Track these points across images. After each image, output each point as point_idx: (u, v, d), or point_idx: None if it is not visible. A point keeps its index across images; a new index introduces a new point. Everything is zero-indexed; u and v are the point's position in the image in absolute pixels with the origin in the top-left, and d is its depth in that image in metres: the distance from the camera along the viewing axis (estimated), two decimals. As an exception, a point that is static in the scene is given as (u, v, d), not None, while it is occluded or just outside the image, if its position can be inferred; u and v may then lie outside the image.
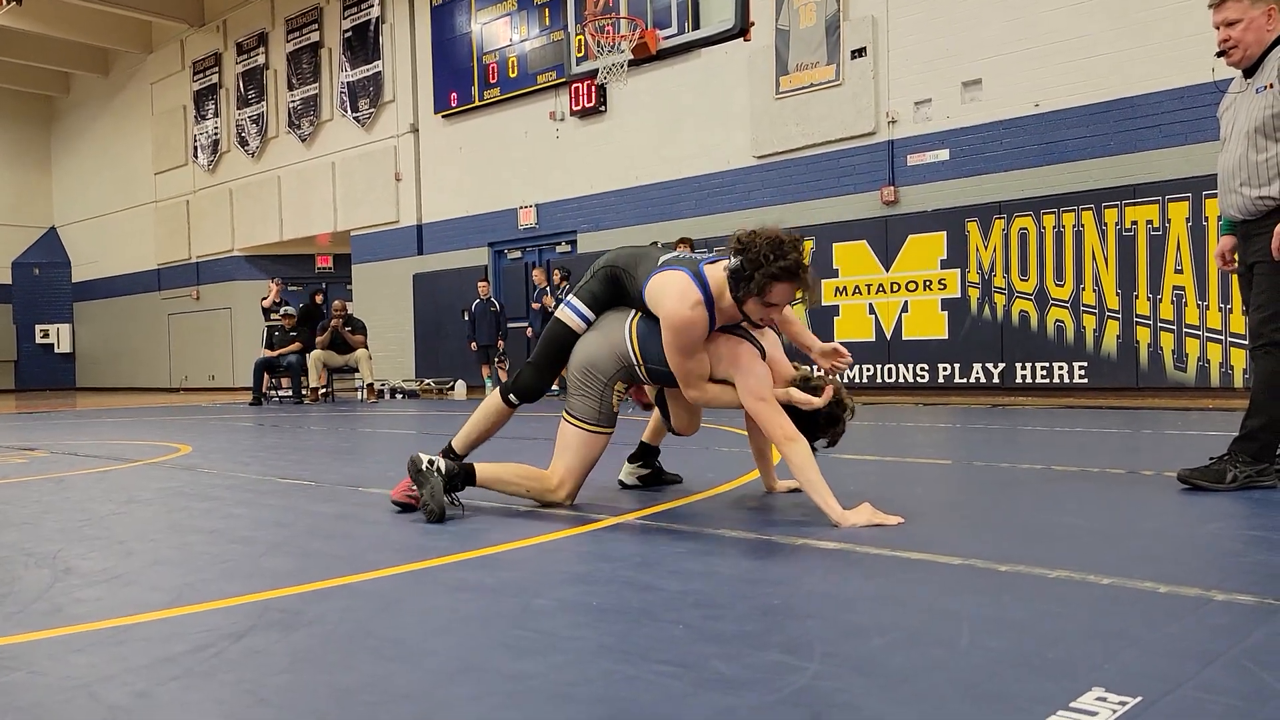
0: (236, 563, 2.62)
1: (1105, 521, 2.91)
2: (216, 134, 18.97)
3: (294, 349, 12.88)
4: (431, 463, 3.14)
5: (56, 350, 22.92)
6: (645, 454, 3.77)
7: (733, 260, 2.97)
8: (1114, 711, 1.39)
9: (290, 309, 13.30)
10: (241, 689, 1.59)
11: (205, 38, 19.17)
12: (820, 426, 3.19)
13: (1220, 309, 8.19)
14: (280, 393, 13.32)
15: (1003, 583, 2.17)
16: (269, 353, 12.94)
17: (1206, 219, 8.22)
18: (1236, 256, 3.47)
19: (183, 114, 19.72)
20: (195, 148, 19.48)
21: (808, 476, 2.96)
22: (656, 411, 3.73)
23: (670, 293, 3.06)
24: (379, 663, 1.72)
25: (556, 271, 12.27)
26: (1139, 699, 1.43)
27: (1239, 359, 8.08)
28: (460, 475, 3.17)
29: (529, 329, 12.69)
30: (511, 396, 3.45)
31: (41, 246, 23.15)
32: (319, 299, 13.67)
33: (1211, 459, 3.37)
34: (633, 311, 3.28)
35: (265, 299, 13.79)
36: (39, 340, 22.76)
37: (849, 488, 3.83)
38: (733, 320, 3.15)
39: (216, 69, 18.94)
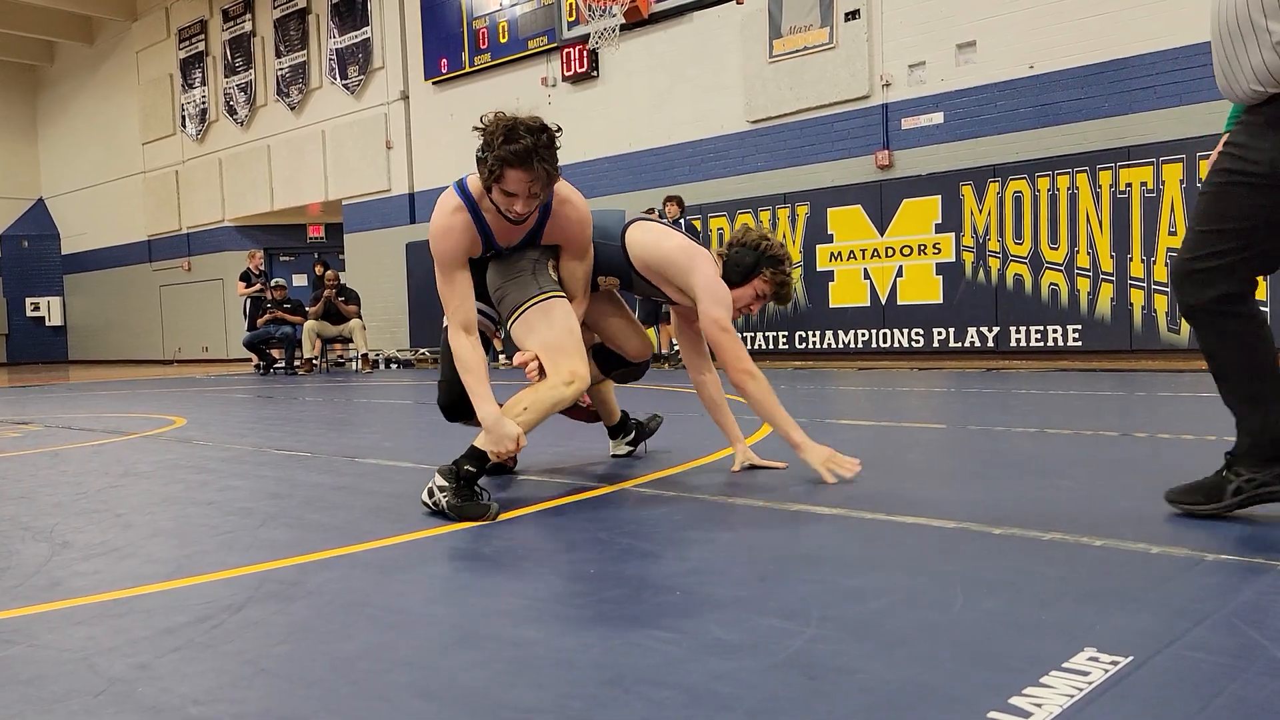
0: (234, 534, 2.62)
1: (1098, 484, 2.93)
2: (204, 103, 18.77)
3: (296, 320, 12.83)
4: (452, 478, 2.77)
5: (48, 323, 22.81)
6: (620, 426, 3.76)
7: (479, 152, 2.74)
8: (1106, 671, 1.41)
9: (280, 280, 13.23)
10: (241, 659, 1.61)
11: (191, 5, 18.90)
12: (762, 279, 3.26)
13: (1214, 271, 8.19)
14: (276, 365, 13.28)
15: (997, 545, 2.18)
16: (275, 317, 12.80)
17: (1200, 180, 8.19)
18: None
19: (169, 83, 19.49)
20: (183, 117, 19.27)
21: (768, 410, 3.05)
22: (594, 394, 3.59)
23: (436, 209, 2.87)
24: (378, 631, 1.73)
25: None
26: (1130, 658, 1.45)
27: (1232, 320, 8.09)
28: (470, 462, 2.76)
29: None
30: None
31: (30, 219, 22.96)
32: (320, 270, 13.56)
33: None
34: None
35: (248, 280, 13.61)
36: (29, 313, 22.64)
37: (844, 452, 3.85)
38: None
39: (203, 36, 18.70)
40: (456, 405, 3.13)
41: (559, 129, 2.72)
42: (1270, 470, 2.28)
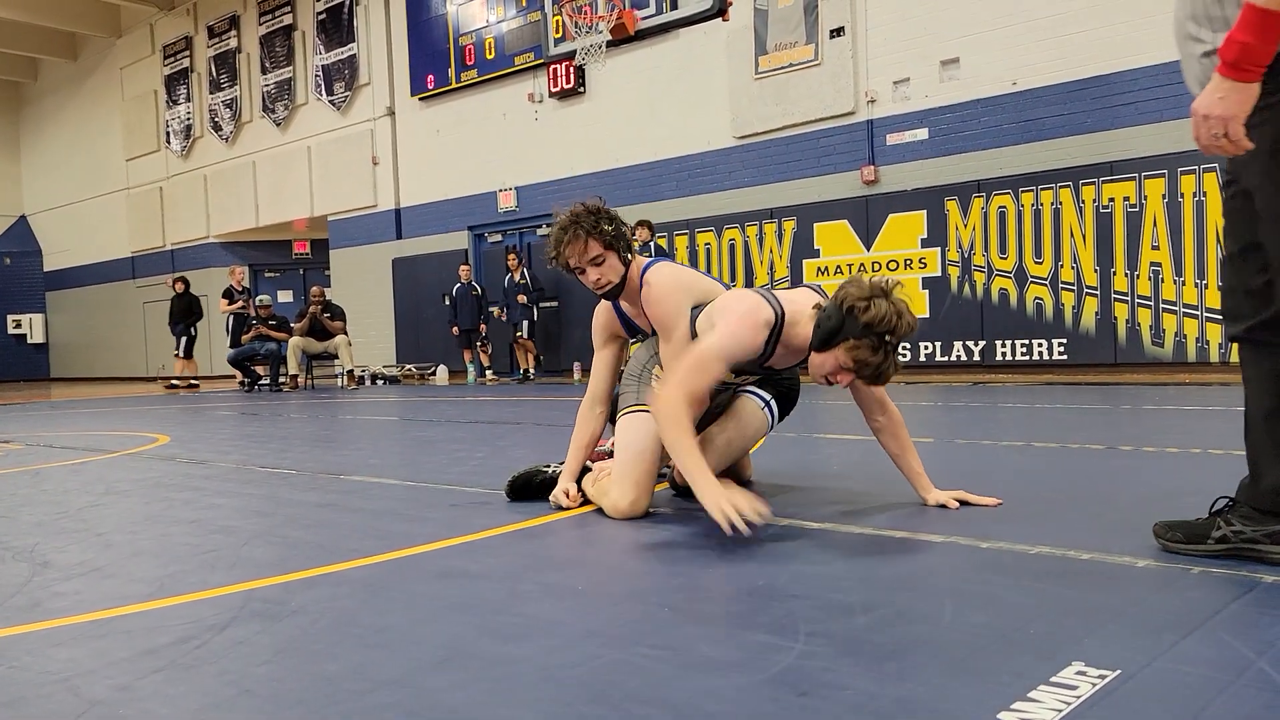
0: (218, 553, 2.60)
1: (1085, 497, 2.94)
2: (189, 119, 18.73)
3: (281, 336, 12.79)
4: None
5: (30, 341, 22.65)
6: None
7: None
8: (1094, 685, 1.40)
9: (265, 297, 13.18)
10: (225, 680, 1.59)
11: (175, 21, 18.89)
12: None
13: (1196, 284, 8.26)
14: (261, 383, 13.21)
15: (984, 560, 2.18)
16: (259, 333, 12.79)
17: (1182, 195, 8.27)
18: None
19: (154, 99, 19.45)
20: (167, 133, 19.22)
21: (668, 438, 2.53)
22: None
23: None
24: (364, 650, 1.71)
25: (511, 257, 12.35)
26: (1118, 672, 1.45)
27: (1215, 334, 8.16)
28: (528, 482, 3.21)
29: (498, 312, 12.70)
30: None
31: (12, 236, 22.82)
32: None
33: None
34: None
35: (230, 297, 13.61)
36: (11, 331, 22.48)
37: (831, 467, 3.85)
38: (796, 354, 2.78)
39: (188, 53, 18.68)
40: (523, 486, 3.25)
41: (614, 215, 2.97)
42: (1262, 527, 2.05)
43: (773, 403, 3.04)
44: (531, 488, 3.18)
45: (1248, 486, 2.09)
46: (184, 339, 14.43)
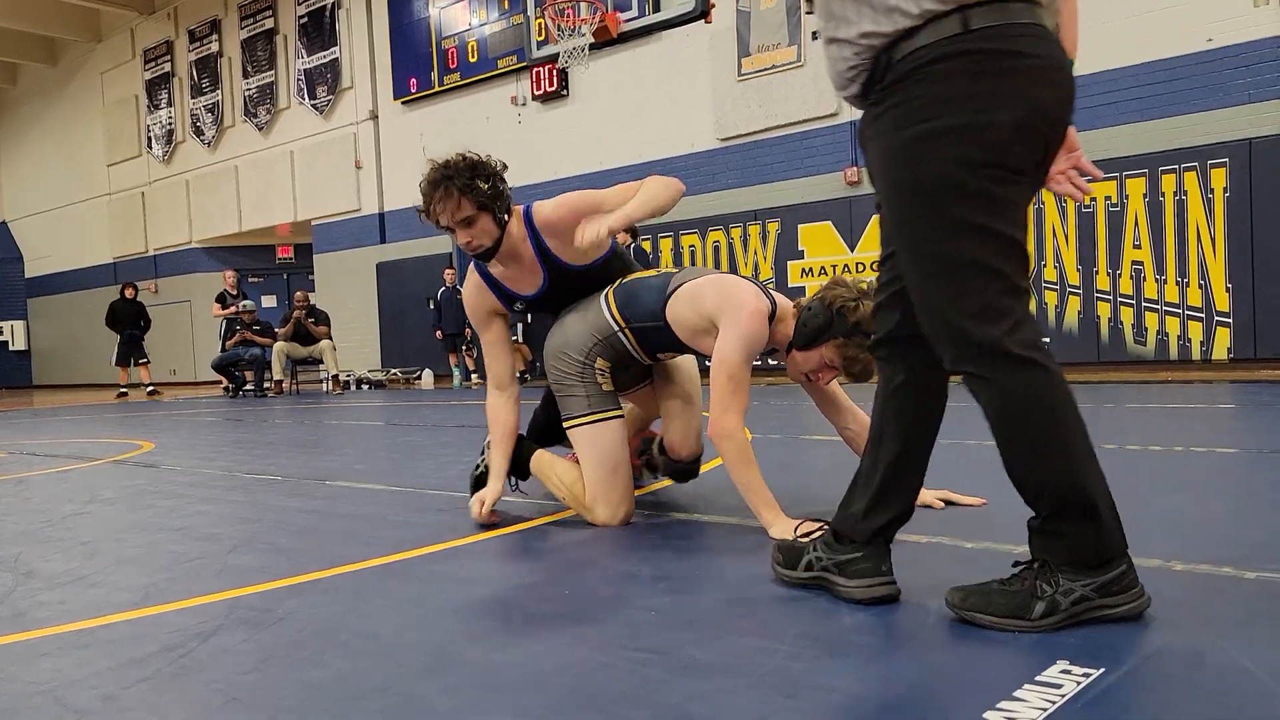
0: (203, 561, 2.59)
1: (1068, 496, 2.95)
2: (171, 124, 18.62)
3: (266, 341, 12.73)
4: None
5: (11, 348, 22.44)
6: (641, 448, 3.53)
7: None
8: (1078, 684, 1.42)
9: (249, 303, 13.12)
10: (211, 689, 1.58)
11: (156, 25, 18.78)
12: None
13: (1178, 283, 8.33)
14: (246, 388, 13.14)
15: (969, 559, 2.20)
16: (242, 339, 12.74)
17: (1163, 194, 8.34)
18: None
19: (135, 104, 19.32)
20: (149, 138, 19.10)
21: (742, 478, 2.58)
22: (632, 405, 3.38)
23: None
24: (351, 658, 1.71)
25: None
26: (1101, 670, 1.46)
27: (1196, 332, 8.23)
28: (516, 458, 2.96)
29: None
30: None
31: (-8, 242, 22.64)
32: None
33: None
34: (604, 290, 2.93)
35: (224, 302, 13.52)
36: (-7, 338, 22.30)
37: (820, 468, 3.86)
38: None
39: (169, 57, 18.57)
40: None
41: (501, 163, 2.86)
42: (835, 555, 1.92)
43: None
44: (484, 485, 2.99)
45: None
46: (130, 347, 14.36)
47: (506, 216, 2.81)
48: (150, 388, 14.04)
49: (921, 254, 1.71)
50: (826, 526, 2.02)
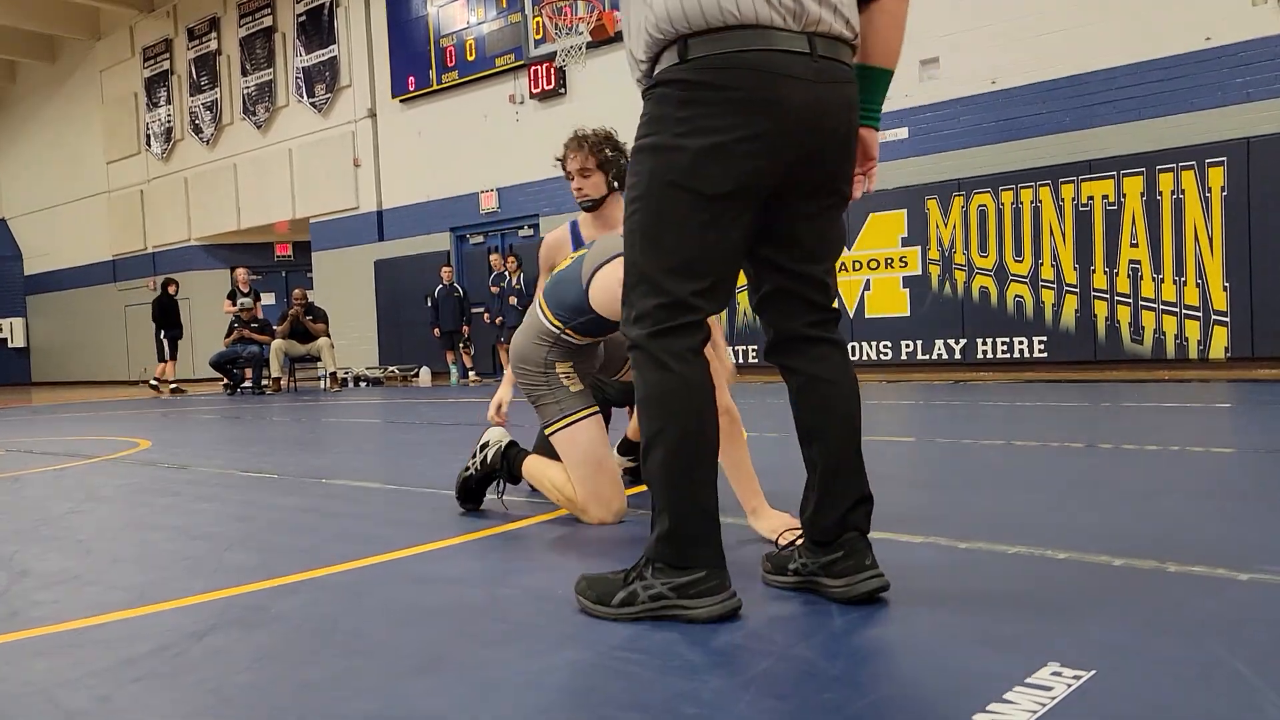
0: (198, 560, 2.59)
1: (1064, 495, 2.96)
2: (169, 121, 18.61)
3: (264, 339, 12.73)
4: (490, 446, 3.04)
5: (10, 345, 22.45)
6: (633, 448, 3.55)
7: None
8: (1069, 686, 1.42)
9: (247, 300, 13.11)
10: (205, 689, 1.58)
11: (155, 23, 18.77)
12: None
13: (1174, 282, 8.34)
14: (244, 385, 13.14)
15: (962, 560, 2.20)
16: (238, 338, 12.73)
17: (1160, 193, 8.35)
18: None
19: (134, 101, 19.31)
20: (148, 136, 19.10)
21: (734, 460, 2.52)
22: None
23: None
24: (344, 657, 1.71)
25: (511, 259, 12.30)
26: (1093, 672, 1.46)
27: (1193, 331, 8.24)
28: (503, 466, 3.00)
29: (485, 314, 12.69)
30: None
31: (-9, 240, 22.63)
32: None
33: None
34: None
35: (234, 298, 13.45)
36: (-8, 335, 22.31)
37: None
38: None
39: (167, 55, 18.56)
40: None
41: (621, 148, 3.25)
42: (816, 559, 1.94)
43: None
44: (471, 489, 3.07)
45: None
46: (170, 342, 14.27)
47: (618, 185, 3.24)
48: (173, 385, 14.02)
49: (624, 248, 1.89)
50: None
